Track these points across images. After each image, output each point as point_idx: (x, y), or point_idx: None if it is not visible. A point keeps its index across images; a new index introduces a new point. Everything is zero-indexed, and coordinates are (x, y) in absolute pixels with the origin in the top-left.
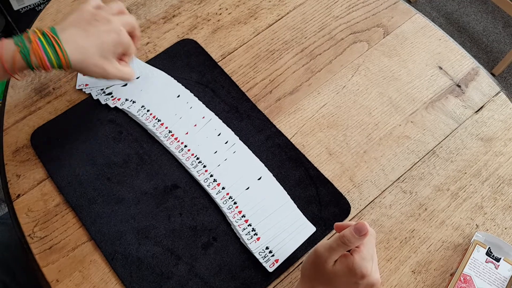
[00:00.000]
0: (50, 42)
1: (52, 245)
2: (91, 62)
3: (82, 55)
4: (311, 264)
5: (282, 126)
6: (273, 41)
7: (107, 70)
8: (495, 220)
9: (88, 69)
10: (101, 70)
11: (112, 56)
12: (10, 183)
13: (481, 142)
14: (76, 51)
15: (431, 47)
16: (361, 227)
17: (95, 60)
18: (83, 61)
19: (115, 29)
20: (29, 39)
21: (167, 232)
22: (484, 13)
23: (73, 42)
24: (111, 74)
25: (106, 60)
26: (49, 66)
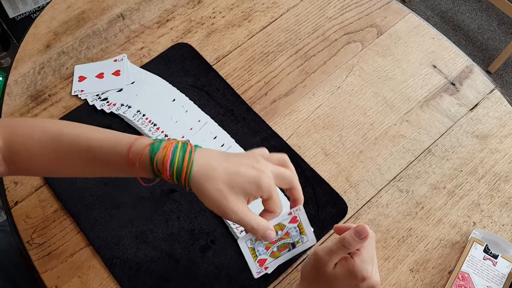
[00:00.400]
0: (184, 148)
1: (50, 251)
2: (212, 186)
3: (206, 173)
4: (311, 266)
5: (277, 128)
6: (267, 43)
7: (229, 206)
8: (492, 217)
9: (206, 193)
10: (220, 203)
11: (242, 194)
12: (8, 190)
13: (477, 140)
14: (202, 165)
15: (424, 46)
16: (362, 230)
17: (219, 186)
18: (203, 179)
19: (259, 168)
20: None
21: (165, 236)
22: (479, 11)
23: (206, 158)
24: (233, 212)
25: (232, 194)
26: (168, 169)
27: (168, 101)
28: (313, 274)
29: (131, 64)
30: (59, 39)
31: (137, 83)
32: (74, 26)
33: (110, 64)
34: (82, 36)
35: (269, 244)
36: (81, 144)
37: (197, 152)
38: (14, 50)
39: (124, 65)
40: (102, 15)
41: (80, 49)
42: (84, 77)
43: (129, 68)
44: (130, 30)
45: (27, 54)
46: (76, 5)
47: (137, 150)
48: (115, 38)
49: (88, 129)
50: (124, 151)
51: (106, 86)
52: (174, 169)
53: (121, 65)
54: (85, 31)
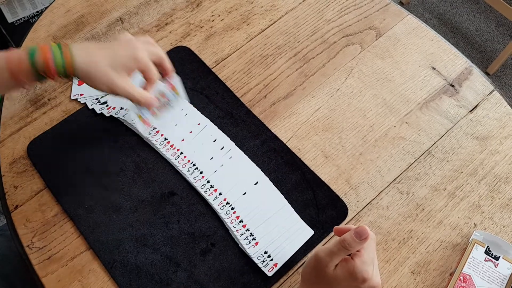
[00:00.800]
0: (59, 46)
1: (51, 255)
2: (98, 69)
3: (89, 61)
4: (311, 268)
5: (277, 131)
6: (266, 46)
7: (115, 82)
8: (493, 219)
9: (94, 77)
10: (108, 81)
11: (124, 70)
12: (8, 194)
13: (477, 141)
14: (84, 56)
15: (423, 48)
16: (362, 231)
17: (103, 68)
18: (89, 67)
19: (134, 46)
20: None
21: (165, 239)
22: (477, 13)
23: (84, 49)
24: (119, 87)
25: (116, 72)
26: (54, 68)
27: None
28: (313, 275)
29: None
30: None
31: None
32: (73, 30)
33: None
34: (81, 40)
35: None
36: None
37: (73, 46)
38: None
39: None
40: (101, 19)
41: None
42: None
43: None
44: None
45: None
46: (75, 9)
47: (16, 62)
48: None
49: None
50: (4, 68)
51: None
52: (59, 65)
53: None
54: (84, 35)
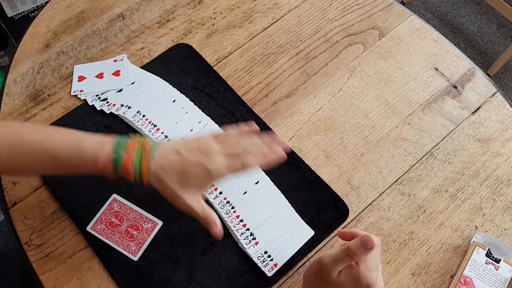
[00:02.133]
0: (140, 157)
1: (49, 252)
2: (166, 184)
3: (161, 175)
4: (315, 272)
5: (278, 130)
6: (268, 44)
7: (180, 201)
8: (494, 221)
9: (163, 192)
10: (174, 199)
11: (193, 188)
12: (6, 190)
13: (479, 143)
14: (157, 171)
15: (426, 48)
16: (368, 240)
17: (171, 185)
18: (159, 184)
19: (209, 166)
20: (127, 149)
21: (164, 238)
22: (478, 14)
23: (160, 162)
24: (183, 205)
25: (183, 189)
26: (132, 177)
27: (168, 102)
28: (316, 280)
29: (131, 65)
30: (58, 38)
31: (137, 83)
32: (73, 26)
33: (110, 64)
34: (82, 35)
35: None
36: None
37: (153, 159)
38: (12, 49)
39: (124, 65)
40: (102, 14)
41: (80, 48)
42: (84, 77)
43: (129, 68)
44: (130, 30)
45: (26, 53)
46: (76, 5)
47: (103, 164)
48: (115, 38)
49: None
50: (90, 163)
51: (106, 86)
52: (137, 177)
53: (121, 65)
54: (85, 31)
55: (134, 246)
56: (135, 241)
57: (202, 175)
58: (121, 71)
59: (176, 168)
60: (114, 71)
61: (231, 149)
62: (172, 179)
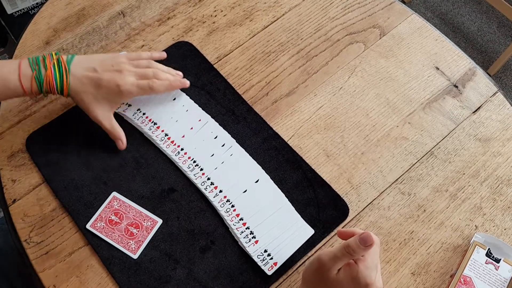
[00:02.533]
0: (61, 72)
1: (48, 250)
2: (83, 96)
3: (79, 88)
4: (313, 271)
5: (279, 128)
6: (269, 43)
7: (93, 114)
8: (495, 221)
9: (79, 101)
10: (88, 111)
11: (105, 102)
12: (6, 188)
13: (479, 143)
14: (76, 84)
15: (427, 47)
16: (367, 237)
17: (87, 97)
18: (78, 93)
19: (120, 82)
20: (45, 65)
21: (164, 236)
22: (479, 13)
23: (78, 77)
24: (95, 118)
25: (97, 102)
26: (55, 91)
27: (168, 100)
28: (315, 278)
29: None
30: (58, 36)
31: None
32: (74, 23)
33: None
34: (82, 33)
35: None
36: None
37: (71, 73)
38: (12, 46)
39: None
40: (102, 12)
41: (80, 46)
42: None
43: None
44: (130, 28)
45: (26, 50)
46: (76, 2)
47: (27, 84)
48: (115, 36)
49: None
50: (18, 90)
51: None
52: (59, 91)
53: None
54: (85, 28)
55: (133, 244)
56: (134, 239)
57: (113, 91)
58: None
59: (92, 83)
60: None
61: (141, 70)
62: (87, 93)
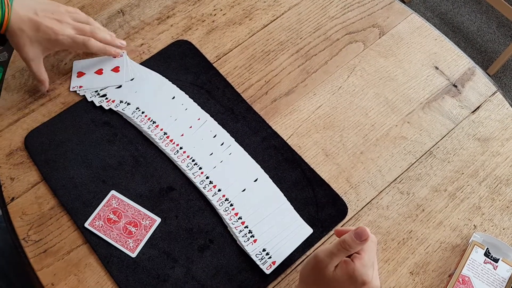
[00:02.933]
0: (3, 6)
1: (47, 248)
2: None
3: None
4: (311, 269)
5: (278, 127)
6: (268, 42)
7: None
8: (493, 221)
9: (15, 41)
10: (21, 48)
11: (40, 47)
12: (4, 186)
13: (478, 142)
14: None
15: (427, 47)
16: (362, 232)
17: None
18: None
19: (58, 31)
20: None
21: (163, 235)
22: (478, 13)
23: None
24: (24, 57)
25: (32, 45)
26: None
27: (167, 99)
28: (312, 276)
29: (130, 61)
30: None
31: (137, 80)
32: None
33: (110, 60)
34: None
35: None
36: None
37: (13, 9)
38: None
39: (124, 62)
40: (101, 10)
41: None
42: (83, 73)
43: (129, 64)
44: (130, 26)
45: None
46: (75, 0)
47: None
48: (114, 34)
49: None
50: None
51: (105, 83)
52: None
53: (121, 62)
54: None
55: (132, 243)
56: (133, 237)
57: (50, 38)
58: (120, 67)
59: (30, 25)
60: (113, 67)
61: (79, 24)
62: (23, 33)
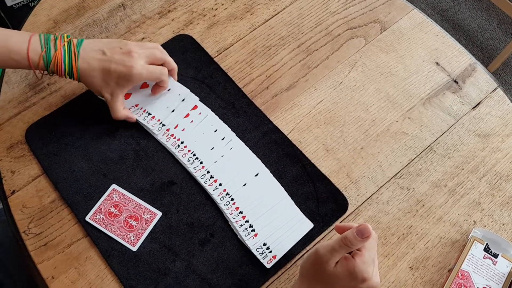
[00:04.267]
0: (70, 55)
1: (47, 241)
2: (92, 80)
3: (88, 72)
4: (311, 263)
5: (278, 122)
6: (270, 36)
7: (103, 93)
8: (493, 216)
9: (89, 84)
10: (98, 90)
11: (114, 85)
12: (5, 179)
13: (479, 138)
14: (85, 68)
15: (428, 43)
16: (364, 229)
17: (97, 81)
18: (87, 77)
19: (129, 64)
20: (55, 45)
21: (164, 229)
22: (479, 10)
23: (87, 60)
24: (105, 97)
25: (106, 85)
26: (62, 74)
27: (167, 93)
28: (312, 271)
29: None
30: (58, 27)
31: None
32: (74, 15)
33: None
34: (82, 25)
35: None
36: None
37: (80, 56)
38: None
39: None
40: (103, 4)
41: (80, 38)
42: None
43: None
44: (131, 20)
45: None
46: None
47: (35, 59)
48: (115, 28)
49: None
50: (23, 62)
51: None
52: (67, 73)
53: None
54: (86, 20)
55: (133, 237)
56: (134, 231)
57: (123, 73)
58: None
59: (101, 66)
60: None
61: (149, 50)
62: (94, 78)
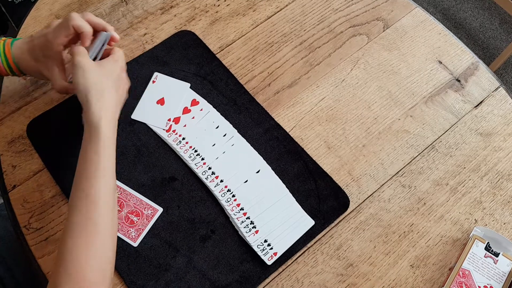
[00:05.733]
0: (4, 50)
1: (48, 236)
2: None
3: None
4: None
5: (280, 119)
6: (272, 33)
7: (45, 73)
8: (494, 215)
9: (32, 73)
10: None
11: (43, 58)
12: (6, 174)
13: (481, 137)
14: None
15: (431, 41)
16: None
17: (31, 62)
18: (24, 66)
19: (45, 31)
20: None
21: (165, 225)
22: (481, 10)
23: (18, 46)
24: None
25: (39, 62)
26: (4, 70)
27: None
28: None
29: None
30: None
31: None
32: (76, 10)
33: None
34: None
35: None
36: None
37: (12, 48)
38: (12, 33)
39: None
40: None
41: None
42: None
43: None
44: (133, 16)
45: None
46: None
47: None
48: (117, 23)
49: None
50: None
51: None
52: (7, 69)
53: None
54: None
55: (134, 232)
56: (135, 227)
57: (43, 42)
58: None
59: (28, 46)
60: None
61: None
62: (27, 59)
